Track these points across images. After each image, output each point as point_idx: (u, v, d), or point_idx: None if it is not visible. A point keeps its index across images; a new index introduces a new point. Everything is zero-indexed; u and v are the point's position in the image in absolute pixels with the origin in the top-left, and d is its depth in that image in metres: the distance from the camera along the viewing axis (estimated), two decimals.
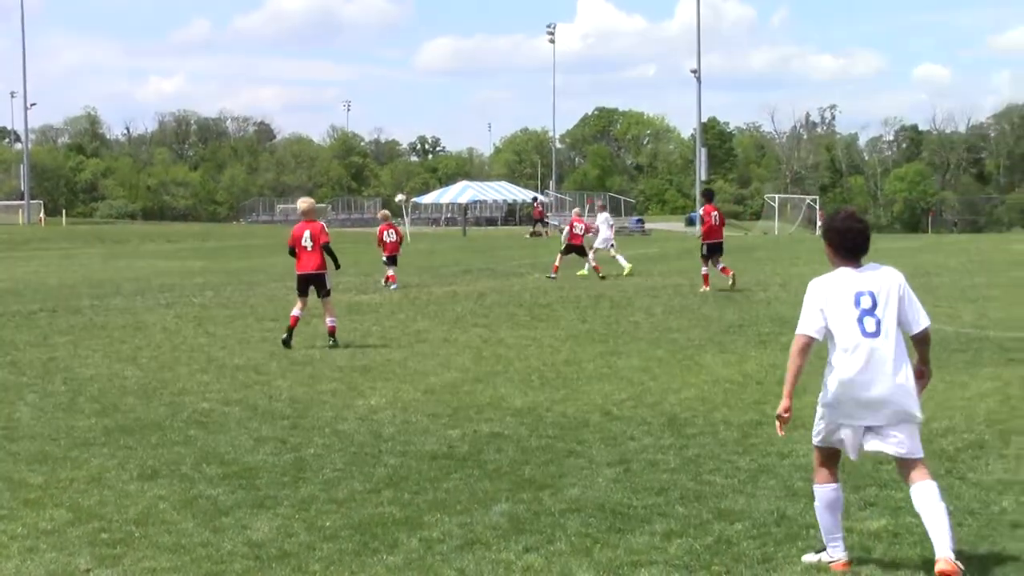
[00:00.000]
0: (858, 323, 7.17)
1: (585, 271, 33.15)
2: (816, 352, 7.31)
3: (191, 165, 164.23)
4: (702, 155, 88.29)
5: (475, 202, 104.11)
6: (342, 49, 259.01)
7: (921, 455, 7.29)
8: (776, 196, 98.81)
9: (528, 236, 70.77)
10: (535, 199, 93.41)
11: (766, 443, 10.62)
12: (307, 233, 18.32)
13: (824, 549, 7.34)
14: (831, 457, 7.41)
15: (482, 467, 10.07)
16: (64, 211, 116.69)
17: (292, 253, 18.59)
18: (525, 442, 11.04)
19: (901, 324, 7.26)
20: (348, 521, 8.43)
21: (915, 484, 7.21)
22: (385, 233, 30.30)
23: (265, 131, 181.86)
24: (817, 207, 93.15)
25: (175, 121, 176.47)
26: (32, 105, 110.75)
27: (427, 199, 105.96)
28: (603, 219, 35.77)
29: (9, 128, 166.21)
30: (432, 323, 21.07)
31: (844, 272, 7.34)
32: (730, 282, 26.77)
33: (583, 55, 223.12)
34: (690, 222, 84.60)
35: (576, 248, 32.68)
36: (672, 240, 64.58)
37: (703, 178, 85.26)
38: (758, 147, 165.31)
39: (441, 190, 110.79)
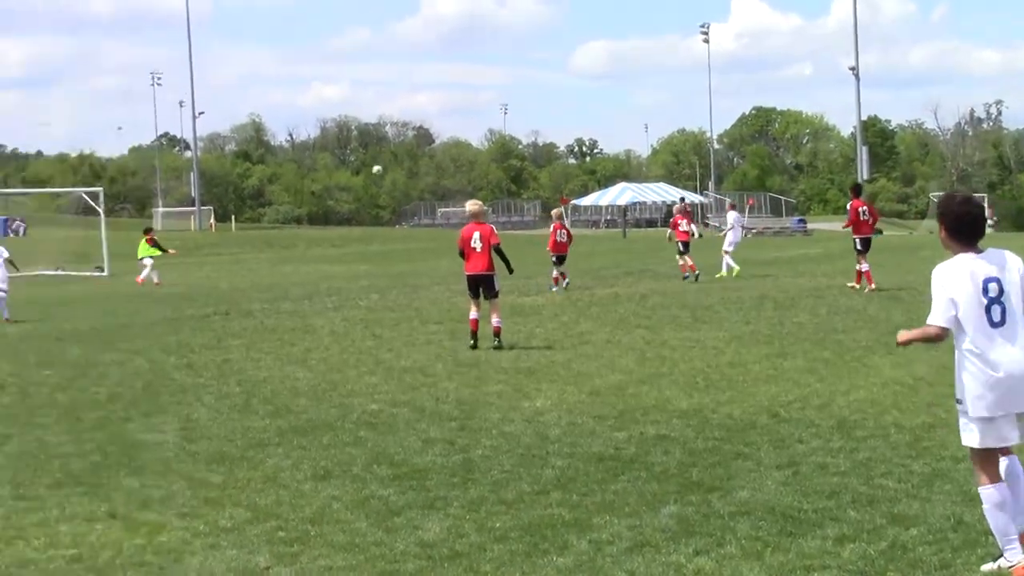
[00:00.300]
0: (986, 312, 7.07)
1: (724, 272, 33.14)
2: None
3: (353, 170, 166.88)
4: (863, 153, 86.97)
5: (634, 204, 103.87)
6: (496, 52, 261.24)
7: None
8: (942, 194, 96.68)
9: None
10: (682, 199, 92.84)
11: (939, 447, 10.41)
12: (476, 235, 18.46)
13: (1002, 555, 7.17)
14: (989, 456, 7.21)
15: (649, 469, 10.06)
16: (233, 217, 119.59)
17: (461, 255, 18.75)
18: (692, 444, 11.00)
19: None
20: (517, 522, 8.50)
21: (1003, 458, 7.25)
22: (557, 233, 30.44)
23: (424, 135, 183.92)
24: (985, 205, 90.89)
25: (336, 127, 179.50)
26: (200, 114, 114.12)
27: (586, 201, 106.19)
28: (733, 219, 35.72)
29: (179, 137, 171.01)
30: (595, 325, 21.09)
31: (967, 259, 7.16)
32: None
33: (738, 54, 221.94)
34: None
35: (686, 245, 32.86)
36: (835, 240, 63.48)
37: (864, 177, 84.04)
38: (921, 145, 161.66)
39: (600, 192, 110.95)
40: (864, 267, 26.63)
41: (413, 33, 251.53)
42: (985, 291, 7.07)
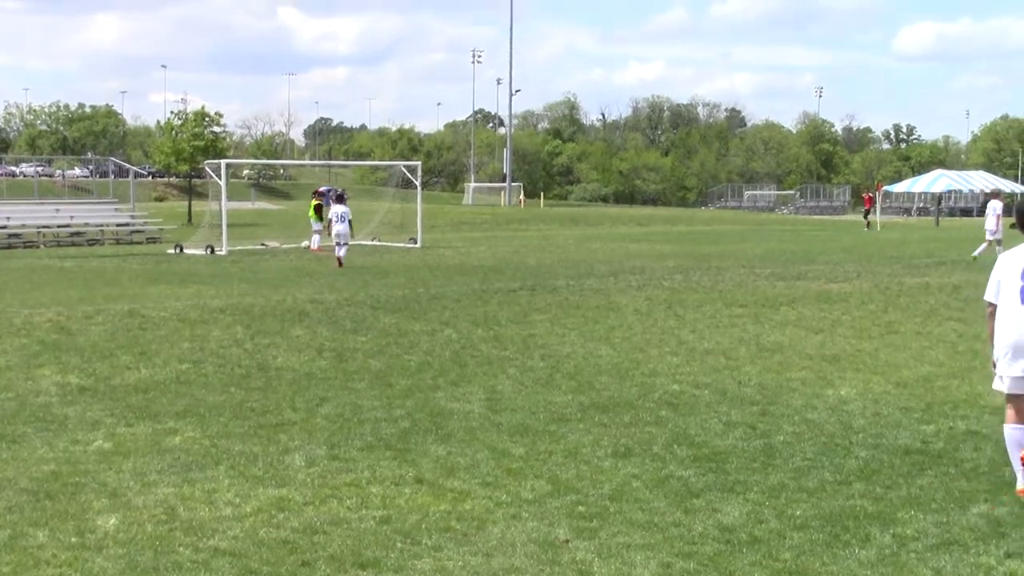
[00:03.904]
0: (1020, 293, 8.73)
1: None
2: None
3: (662, 151, 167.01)
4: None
5: (950, 192, 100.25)
6: (818, 35, 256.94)
7: None
8: None
9: (866, 228, 66.12)
10: (868, 188, 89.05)
11: None
12: None
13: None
14: (1011, 399, 8.90)
15: (958, 465, 9.77)
16: (542, 193, 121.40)
17: None
18: (1004, 442, 10.60)
19: None
20: (819, 511, 8.39)
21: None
22: None
23: (736, 117, 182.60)
24: None
25: (649, 107, 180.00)
26: (516, 91, 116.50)
27: (899, 188, 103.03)
28: (990, 208, 35.41)
29: (494, 113, 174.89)
30: (904, 315, 20.50)
31: (1021, 250, 8.90)
32: None
33: None
34: None
35: None
36: None
37: None
38: None
39: (914, 179, 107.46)
40: None
41: (734, 13, 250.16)
42: (1022, 276, 8.74)
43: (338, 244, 34.56)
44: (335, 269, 32.32)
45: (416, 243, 45.10)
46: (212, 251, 40.80)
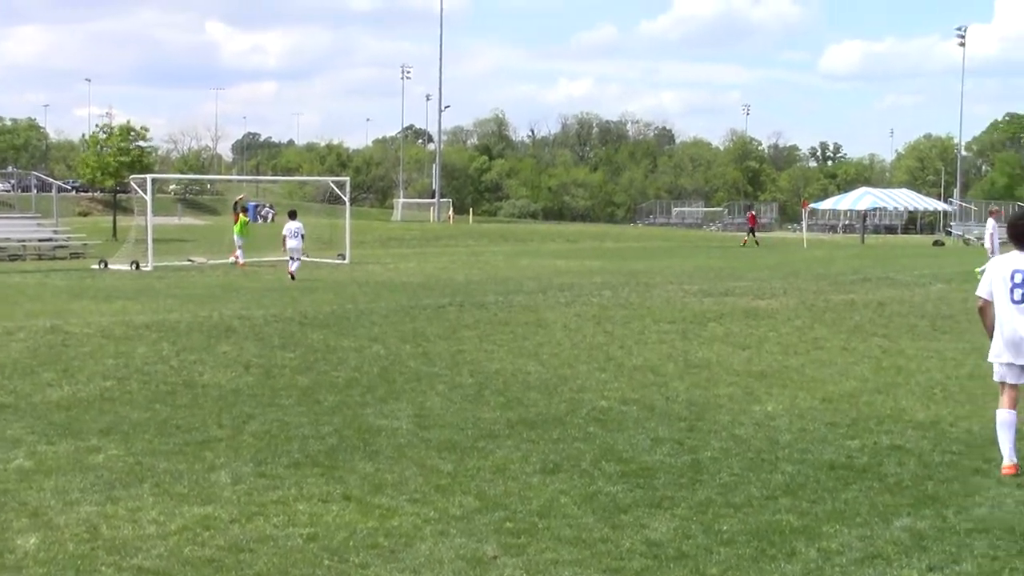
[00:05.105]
0: (1010, 292, 10.03)
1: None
2: None
3: (591, 167, 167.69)
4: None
5: (874, 209, 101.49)
6: (746, 53, 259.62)
7: None
8: None
9: (743, 244, 66.69)
10: (750, 207, 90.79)
11: None
12: None
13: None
14: (1004, 387, 10.48)
15: (882, 480, 9.86)
16: (471, 209, 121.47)
17: None
18: (927, 456, 10.74)
19: None
20: (745, 526, 8.43)
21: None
22: None
23: (665, 135, 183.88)
24: None
25: (578, 124, 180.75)
26: (446, 108, 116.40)
27: (824, 205, 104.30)
28: (989, 226, 35.85)
29: (423, 129, 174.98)
30: (830, 331, 20.72)
31: (1012, 255, 10.15)
32: None
33: (998, 58, 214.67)
34: None
35: None
36: None
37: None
38: None
39: (839, 196, 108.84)
40: None
41: (662, 31, 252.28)
42: (1011, 278, 10.02)
43: (292, 259, 35.74)
44: (288, 283, 33.01)
45: (344, 259, 44.92)
46: (137, 267, 40.40)
